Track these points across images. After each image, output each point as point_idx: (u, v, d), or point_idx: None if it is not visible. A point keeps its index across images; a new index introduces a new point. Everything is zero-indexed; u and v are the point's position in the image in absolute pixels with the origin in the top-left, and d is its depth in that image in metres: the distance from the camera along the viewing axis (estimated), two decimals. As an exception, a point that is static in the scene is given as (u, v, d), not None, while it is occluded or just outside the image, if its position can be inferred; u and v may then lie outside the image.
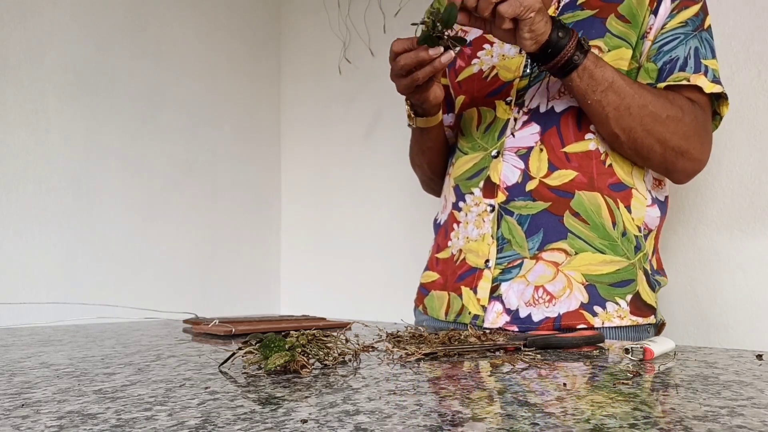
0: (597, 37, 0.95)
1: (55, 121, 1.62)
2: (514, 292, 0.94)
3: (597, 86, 0.88)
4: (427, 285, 1.08)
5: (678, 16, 0.94)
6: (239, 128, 2.09)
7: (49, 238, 1.59)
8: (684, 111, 0.90)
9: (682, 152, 0.92)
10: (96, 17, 1.72)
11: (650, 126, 0.89)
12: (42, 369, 0.61)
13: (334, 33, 2.03)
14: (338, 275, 2.02)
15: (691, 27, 0.94)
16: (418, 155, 1.15)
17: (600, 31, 0.95)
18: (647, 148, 0.92)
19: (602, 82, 0.88)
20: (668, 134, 0.90)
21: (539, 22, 0.83)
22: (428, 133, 1.07)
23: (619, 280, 0.93)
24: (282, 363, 0.55)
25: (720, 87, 0.93)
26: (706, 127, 0.94)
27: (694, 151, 0.93)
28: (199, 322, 0.96)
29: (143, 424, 0.39)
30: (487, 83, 1.03)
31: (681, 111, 0.90)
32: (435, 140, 1.09)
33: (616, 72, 0.88)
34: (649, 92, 0.89)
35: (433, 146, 1.10)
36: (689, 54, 0.93)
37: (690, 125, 0.91)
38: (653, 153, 0.92)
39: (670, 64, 0.93)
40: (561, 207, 0.94)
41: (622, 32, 0.94)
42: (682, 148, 0.92)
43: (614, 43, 0.94)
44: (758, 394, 0.47)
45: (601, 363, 0.62)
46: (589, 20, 0.96)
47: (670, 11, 0.94)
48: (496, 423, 0.38)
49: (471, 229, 1.01)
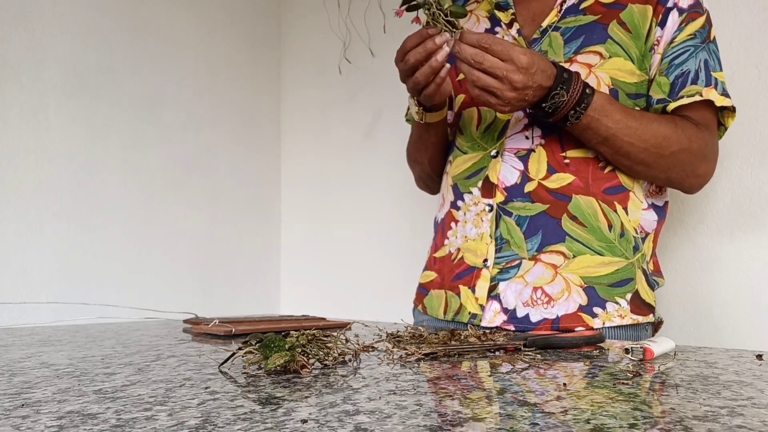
0: (598, 43, 0.95)
1: (55, 121, 1.62)
2: (512, 292, 0.94)
3: (588, 141, 0.92)
4: (426, 285, 1.08)
5: (686, 29, 0.95)
6: (239, 128, 2.09)
7: (49, 238, 1.59)
8: (691, 140, 0.92)
9: (687, 175, 0.95)
10: (96, 17, 1.72)
11: (651, 162, 0.92)
12: (42, 369, 0.61)
13: (334, 33, 2.03)
14: (338, 275, 2.02)
15: (699, 39, 0.95)
16: (419, 151, 1.15)
17: (602, 36, 0.95)
18: (650, 177, 0.96)
19: (594, 138, 0.90)
20: (671, 165, 0.93)
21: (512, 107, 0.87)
22: (433, 128, 1.06)
23: (618, 280, 0.93)
24: (282, 363, 0.55)
25: (729, 101, 0.95)
26: (713, 146, 0.97)
27: (701, 171, 0.96)
28: (199, 322, 0.96)
29: (143, 424, 0.39)
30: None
31: (689, 141, 0.92)
32: (439, 136, 1.08)
33: (618, 121, 0.89)
34: (651, 133, 0.90)
35: (436, 142, 1.10)
36: (700, 67, 0.94)
37: (697, 151, 0.93)
38: (657, 180, 0.97)
39: (682, 77, 0.94)
40: (559, 210, 0.94)
41: (623, 41, 0.95)
42: (687, 172, 0.95)
43: (614, 50, 0.95)
44: (758, 394, 0.47)
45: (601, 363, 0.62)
46: (591, 25, 0.96)
47: (679, 24, 0.95)
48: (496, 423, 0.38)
49: (469, 228, 1.01)
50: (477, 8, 1.10)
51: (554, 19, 0.99)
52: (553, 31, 0.98)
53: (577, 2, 0.99)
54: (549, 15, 1.00)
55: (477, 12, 1.10)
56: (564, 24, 0.98)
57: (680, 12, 0.95)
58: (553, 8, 1.00)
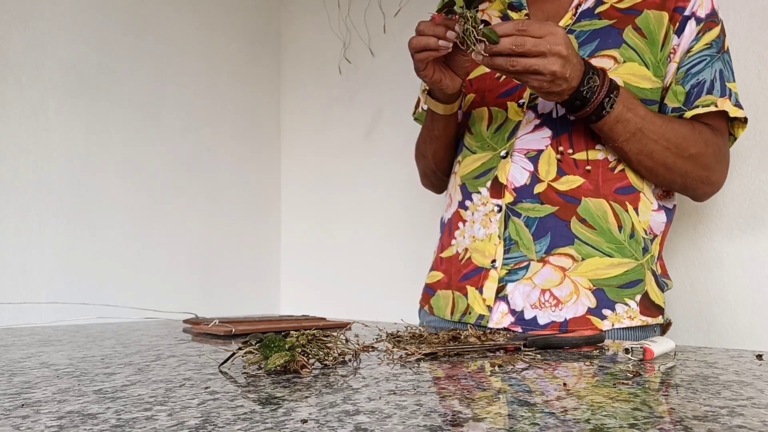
0: (613, 47, 0.95)
1: (55, 121, 1.62)
2: (520, 293, 0.94)
3: (618, 137, 0.90)
4: (433, 285, 1.08)
5: (703, 38, 0.95)
6: (239, 128, 2.09)
7: (49, 238, 1.59)
8: (707, 144, 0.93)
9: (702, 180, 0.96)
10: (96, 17, 1.72)
11: (672, 164, 0.93)
12: (42, 369, 0.61)
13: (334, 33, 2.03)
14: (338, 275, 2.02)
15: (715, 49, 0.96)
16: (426, 142, 1.14)
17: (617, 41, 0.95)
18: (669, 181, 0.96)
19: (623, 133, 0.90)
20: (690, 168, 0.94)
21: (555, 85, 0.84)
22: (441, 121, 1.06)
23: (628, 282, 0.93)
24: (282, 363, 0.55)
25: (743, 112, 0.96)
26: (725, 153, 0.98)
27: (714, 177, 0.97)
28: (199, 322, 0.96)
29: (143, 424, 0.39)
30: (499, 83, 1.02)
31: (705, 145, 0.93)
32: (445, 130, 1.08)
33: (643, 116, 0.90)
34: (673, 132, 0.91)
35: (441, 135, 1.09)
36: (715, 77, 0.95)
37: (712, 156, 0.94)
38: (674, 184, 0.97)
39: (698, 87, 0.94)
40: (568, 212, 0.94)
41: (638, 46, 0.95)
42: (703, 177, 0.96)
43: (629, 54, 0.94)
44: (758, 394, 0.47)
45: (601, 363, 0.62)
46: (606, 29, 0.96)
47: (696, 33, 0.95)
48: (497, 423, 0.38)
49: (477, 228, 1.00)
50: (489, 8, 1.10)
51: (569, 22, 0.99)
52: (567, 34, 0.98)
53: (593, 6, 0.98)
54: (564, 17, 1.00)
55: (489, 11, 1.09)
56: (579, 27, 0.98)
57: (698, 21, 0.95)
58: (568, 11, 1.00)
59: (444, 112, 1.03)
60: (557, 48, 0.81)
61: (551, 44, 0.81)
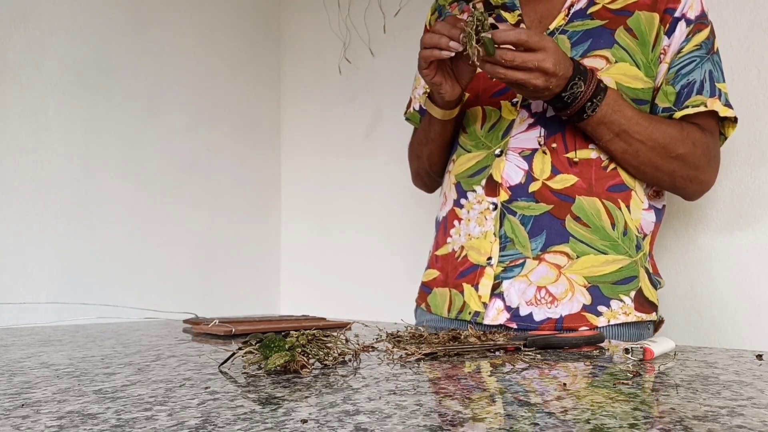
0: (605, 48, 0.96)
1: (55, 121, 1.62)
2: (516, 290, 0.95)
3: (602, 137, 0.93)
4: (429, 283, 1.08)
5: (693, 40, 0.96)
6: (239, 128, 2.09)
7: (49, 238, 1.59)
8: (696, 144, 0.95)
9: (691, 180, 0.98)
10: (96, 17, 1.72)
11: (659, 164, 0.94)
12: (42, 369, 0.61)
13: (334, 33, 2.03)
14: (338, 275, 2.02)
15: (704, 50, 0.97)
16: (421, 144, 1.14)
17: (608, 41, 0.96)
18: (657, 180, 0.98)
19: (607, 134, 0.92)
20: (677, 168, 0.95)
21: (538, 93, 0.88)
22: (438, 125, 1.06)
23: (622, 278, 0.95)
24: (282, 363, 0.55)
25: (732, 111, 0.97)
26: (715, 152, 0.99)
27: (703, 177, 0.99)
28: (199, 322, 0.96)
29: (143, 424, 0.39)
30: (492, 83, 1.03)
31: (693, 145, 0.94)
32: (441, 134, 1.08)
33: (630, 118, 0.91)
34: (660, 132, 0.93)
35: (437, 139, 1.09)
36: (705, 77, 0.96)
37: (701, 156, 0.96)
38: (663, 182, 0.99)
39: (688, 87, 0.96)
40: (563, 210, 0.95)
41: (630, 47, 0.96)
42: (691, 176, 0.97)
43: (620, 55, 0.96)
44: (758, 394, 0.47)
45: (601, 363, 0.62)
46: (598, 30, 0.97)
47: (686, 35, 0.96)
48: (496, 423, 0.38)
49: (473, 226, 1.01)
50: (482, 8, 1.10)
51: (561, 23, 1.00)
52: (560, 34, 0.99)
53: (585, 7, 0.99)
54: (556, 18, 1.00)
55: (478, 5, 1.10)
56: (571, 27, 0.99)
57: (688, 23, 0.96)
58: (561, 11, 1.01)
59: (441, 117, 1.03)
60: (545, 65, 0.84)
61: (539, 61, 0.84)
